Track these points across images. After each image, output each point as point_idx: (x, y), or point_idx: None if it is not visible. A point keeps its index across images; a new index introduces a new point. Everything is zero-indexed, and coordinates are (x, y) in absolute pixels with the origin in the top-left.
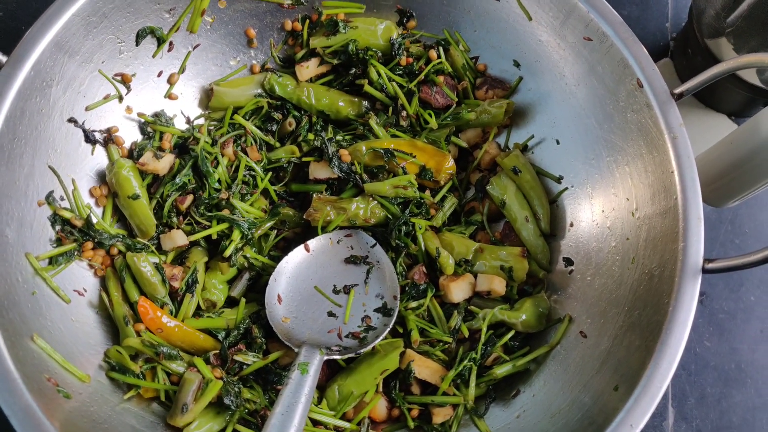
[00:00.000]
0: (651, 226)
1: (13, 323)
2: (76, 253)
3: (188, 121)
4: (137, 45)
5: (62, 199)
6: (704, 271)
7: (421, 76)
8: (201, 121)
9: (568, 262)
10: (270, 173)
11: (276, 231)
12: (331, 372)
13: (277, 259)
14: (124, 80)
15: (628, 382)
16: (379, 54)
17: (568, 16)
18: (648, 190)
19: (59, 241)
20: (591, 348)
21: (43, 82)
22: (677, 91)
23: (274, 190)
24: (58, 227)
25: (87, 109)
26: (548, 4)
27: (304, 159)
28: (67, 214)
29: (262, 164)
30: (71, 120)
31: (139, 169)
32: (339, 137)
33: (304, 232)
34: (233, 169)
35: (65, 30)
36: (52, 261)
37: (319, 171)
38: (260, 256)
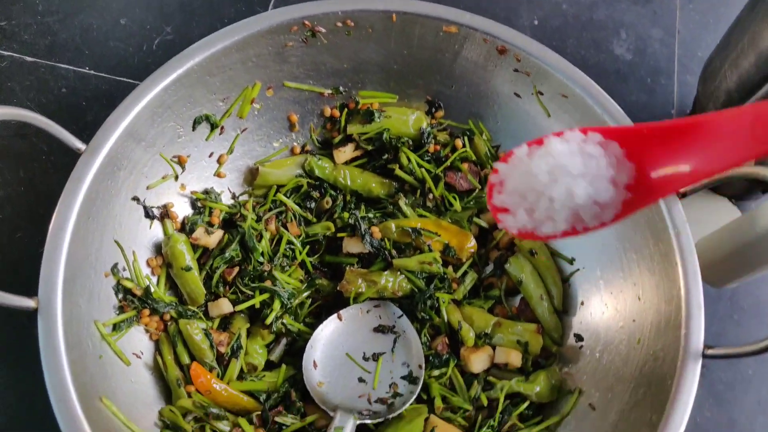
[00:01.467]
0: (656, 311)
1: (85, 386)
2: (135, 319)
3: (233, 197)
4: (193, 130)
5: (124, 269)
6: (704, 356)
7: (447, 163)
8: (245, 197)
9: (579, 338)
10: (307, 246)
11: (311, 299)
12: None
13: (311, 326)
14: (180, 161)
15: None
16: (410, 142)
17: (583, 116)
18: (653, 277)
19: (121, 309)
20: (599, 420)
21: (114, 166)
22: (681, 191)
23: (310, 262)
24: (120, 296)
25: (148, 188)
26: (566, 105)
27: (338, 234)
28: (129, 284)
29: (300, 238)
30: (134, 198)
31: (192, 243)
32: (370, 215)
33: (336, 300)
34: (274, 242)
35: (136, 121)
36: (116, 327)
37: (352, 246)
38: (296, 323)
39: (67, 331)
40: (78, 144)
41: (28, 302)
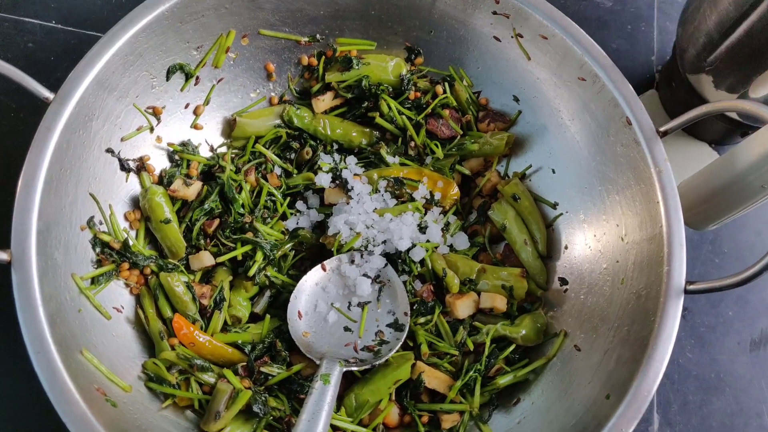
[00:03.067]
0: (638, 251)
1: (65, 339)
2: (114, 273)
3: (212, 149)
4: (167, 80)
5: (101, 223)
6: (686, 292)
7: (429, 110)
8: (223, 149)
9: (563, 281)
10: (288, 198)
11: (294, 251)
12: (347, 382)
13: (295, 277)
14: (155, 113)
15: (618, 392)
16: (390, 89)
17: (564, 57)
18: (636, 217)
19: (99, 263)
20: (584, 360)
21: (86, 116)
22: (662, 129)
23: (292, 213)
24: (98, 249)
25: (122, 139)
26: (546, 47)
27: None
28: (106, 238)
29: (281, 190)
30: (108, 150)
31: (170, 195)
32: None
33: (320, 251)
34: (255, 194)
35: (106, 69)
36: (94, 281)
37: (333, 196)
38: (280, 274)
39: (42, 283)
40: (46, 93)
41: (0, 255)
